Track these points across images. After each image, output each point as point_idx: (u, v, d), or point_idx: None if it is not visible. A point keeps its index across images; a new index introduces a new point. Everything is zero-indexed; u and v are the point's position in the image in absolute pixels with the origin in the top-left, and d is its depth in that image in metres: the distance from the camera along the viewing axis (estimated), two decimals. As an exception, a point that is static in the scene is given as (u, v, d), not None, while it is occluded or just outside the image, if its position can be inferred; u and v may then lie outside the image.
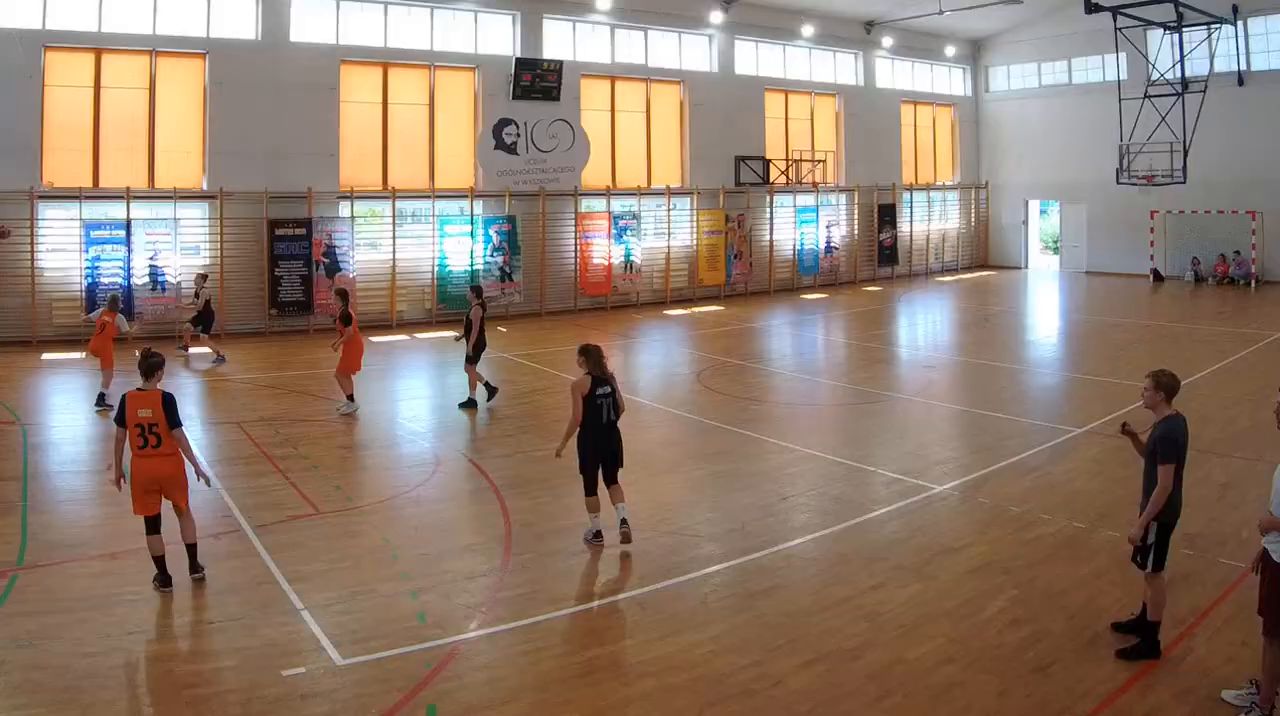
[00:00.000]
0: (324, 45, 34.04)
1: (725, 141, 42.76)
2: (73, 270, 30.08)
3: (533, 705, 9.08)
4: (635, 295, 40.34)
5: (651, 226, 40.93)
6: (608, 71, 40.27)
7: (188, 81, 32.28)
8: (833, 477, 16.06)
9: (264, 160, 32.55)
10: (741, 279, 43.21)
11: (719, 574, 12.12)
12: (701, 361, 27.97)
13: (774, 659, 9.83)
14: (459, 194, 36.47)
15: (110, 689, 9.23)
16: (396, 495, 15.41)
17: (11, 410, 20.75)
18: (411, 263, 35.41)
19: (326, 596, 11.29)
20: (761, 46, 44.76)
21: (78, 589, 11.41)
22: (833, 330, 35.38)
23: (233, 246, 32.30)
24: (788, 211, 45.14)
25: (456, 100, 37.00)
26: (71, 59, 30.58)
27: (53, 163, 30.28)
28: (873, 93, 48.46)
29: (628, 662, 9.97)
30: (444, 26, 36.58)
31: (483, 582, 11.87)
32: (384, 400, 23.04)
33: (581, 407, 13.05)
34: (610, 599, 11.66)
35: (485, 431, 20.02)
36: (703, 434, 19.33)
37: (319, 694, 9.15)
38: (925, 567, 12.18)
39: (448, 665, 9.70)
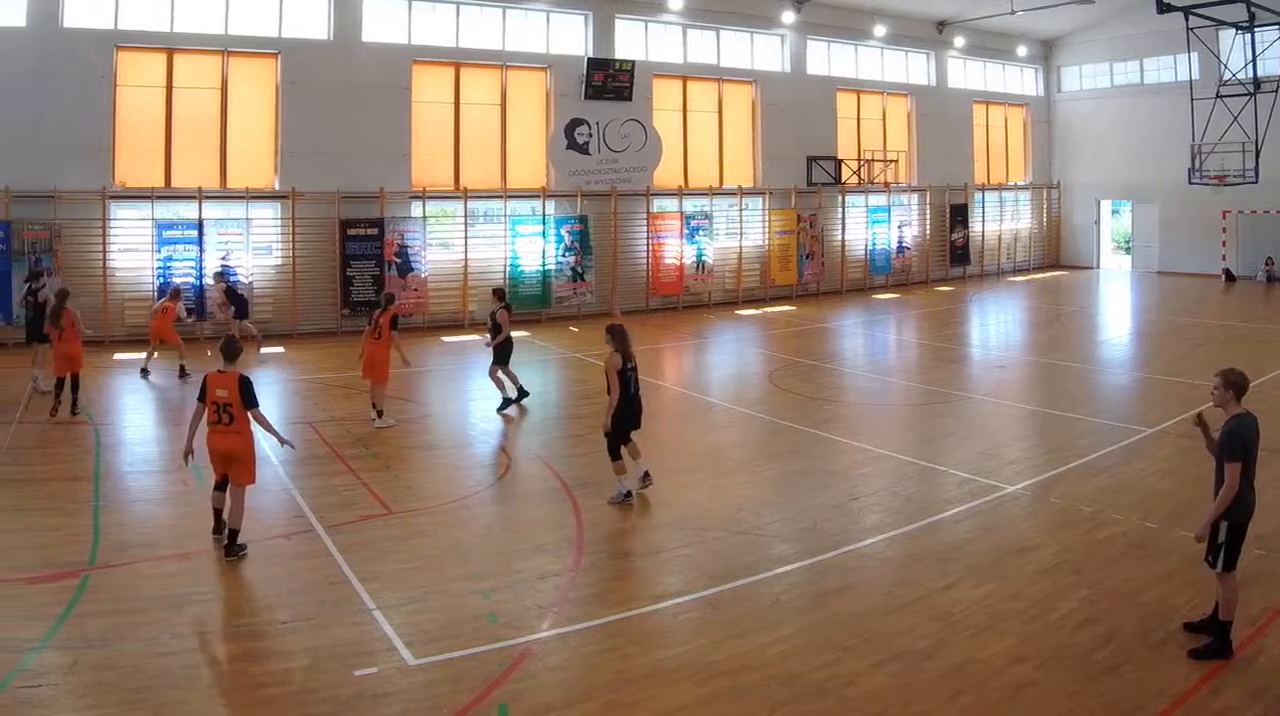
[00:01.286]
0: (396, 45, 32.44)
1: (797, 141, 40.69)
2: (144, 270, 28.69)
3: (605, 705, 8.71)
4: (707, 295, 38.34)
5: (723, 226, 38.99)
6: (680, 71, 38.28)
7: (260, 81, 30.75)
8: (905, 477, 15.44)
9: (336, 160, 30.97)
10: (813, 279, 41.09)
11: (791, 573, 11.65)
12: (773, 361, 26.70)
13: (846, 658, 9.48)
14: (531, 194, 34.72)
15: (182, 689, 8.88)
16: (468, 495, 14.85)
17: (84, 410, 19.82)
18: (483, 263, 33.71)
19: (398, 596, 10.91)
20: (833, 46, 42.51)
21: (149, 589, 11.04)
22: (904, 330, 33.66)
23: (304, 246, 30.75)
24: (859, 211, 43.07)
25: (528, 100, 35.18)
26: (143, 59, 29.12)
27: (125, 163, 28.85)
28: (945, 93, 46.04)
29: (699, 662, 9.47)
30: (516, 26, 34.76)
31: (554, 582, 11.44)
32: (456, 400, 22.17)
33: (616, 381, 13.98)
34: (682, 598, 11.00)
35: (557, 431, 19.20)
36: (775, 433, 18.51)
37: (391, 693, 8.86)
38: (997, 567, 11.74)
39: (520, 665, 9.37)
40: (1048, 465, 16.00)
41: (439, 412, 19.81)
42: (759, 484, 15.33)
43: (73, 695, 8.72)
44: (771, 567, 11.76)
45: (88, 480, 15.17)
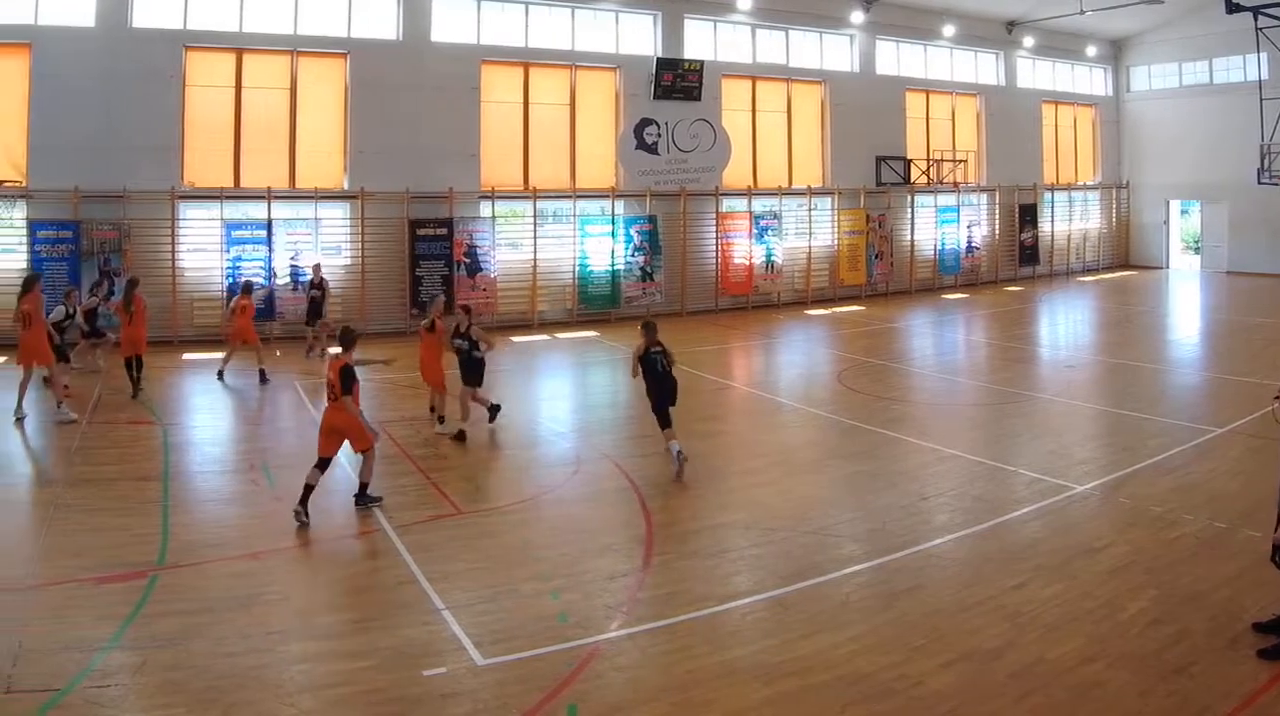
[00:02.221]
0: (465, 45, 30.88)
1: (866, 141, 38.63)
2: (213, 270, 27.37)
3: (674, 705, 8.40)
4: (776, 295, 36.46)
5: (792, 226, 37.06)
6: (749, 71, 36.36)
7: (329, 81, 29.30)
8: (974, 477, 14.77)
9: (405, 160, 29.51)
10: (882, 279, 39.03)
11: (860, 573, 11.20)
12: (842, 361, 25.47)
13: (915, 658, 9.10)
14: (600, 194, 33.04)
15: (251, 688, 8.54)
16: (537, 495, 14.33)
17: (152, 410, 19.10)
18: (552, 262, 32.11)
19: (467, 596, 10.53)
20: (903, 46, 40.35)
21: (218, 588, 10.68)
22: (973, 330, 31.95)
23: (374, 246, 29.30)
24: (928, 211, 40.94)
25: (597, 100, 33.48)
26: (212, 59, 27.81)
27: (194, 163, 27.54)
28: (1014, 93, 43.66)
29: (769, 662, 9.09)
30: (585, 26, 33.11)
31: (624, 582, 11.01)
32: (525, 400, 21.10)
33: (637, 364, 15.35)
34: (751, 598, 10.56)
35: (627, 431, 18.28)
36: (844, 433, 17.76)
37: (460, 693, 8.55)
38: (1066, 567, 11.27)
39: (589, 665, 9.04)
40: (1117, 465, 15.34)
41: (508, 413, 18.65)
42: (828, 484, 14.78)
43: (141, 695, 8.42)
44: (841, 567, 11.32)
45: (156, 480, 14.56)
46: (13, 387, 18.41)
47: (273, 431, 18.70)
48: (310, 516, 12.58)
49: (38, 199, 25.56)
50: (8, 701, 8.26)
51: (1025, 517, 13.01)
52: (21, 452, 16.69)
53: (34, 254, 25.52)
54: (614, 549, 12.06)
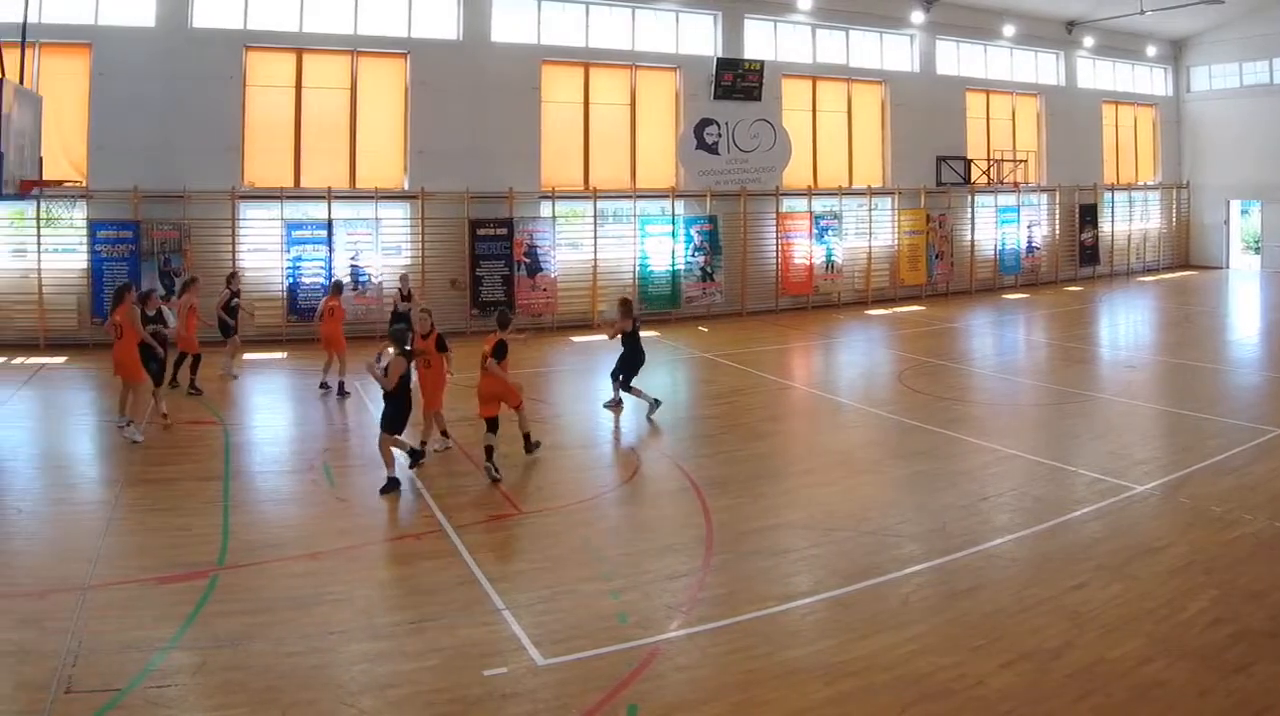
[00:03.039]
0: (525, 45, 29.26)
1: (926, 141, 36.49)
2: (274, 270, 25.96)
3: (734, 705, 8.04)
4: (836, 295, 34.46)
5: (853, 226, 34.98)
6: (809, 72, 34.37)
7: (389, 81, 27.79)
8: (1034, 477, 14.12)
9: (465, 160, 27.94)
10: (943, 279, 36.93)
11: (920, 573, 10.70)
12: (902, 361, 24.10)
13: (975, 658, 8.73)
14: (660, 194, 31.28)
15: (311, 689, 8.23)
16: (598, 495, 13.76)
17: (213, 410, 18.30)
18: (613, 262, 30.42)
19: (528, 596, 10.11)
20: (963, 46, 38.16)
21: (279, 588, 10.26)
22: (1034, 330, 30.33)
23: (434, 246, 27.76)
24: (989, 211, 38.62)
25: (658, 100, 31.66)
26: (272, 59, 26.39)
27: (254, 163, 26.12)
28: (1074, 93, 41.28)
29: (829, 662, 8.73)
30: (645, 26, 31.33)
31: (684, 582, 10.53)
32: (585, 400, 20.01)
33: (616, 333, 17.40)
34: (812, 598, 10.11)
35: (687, 431, 17.38)
36: (904, 433, 16.88)
37: (520, 693, 8.22)
38: (1126, 567, 10.81)
39: (649, 665, 8.68)
40: (1177, 465, 14.71)
41: (568, 413, 18.09)
42: (888, 484, 14.14)
43: (201, 695, 8.12)
44: (900, 567, 10.82)
45: (217, 480, 13.98)
46: (78, 386, 18.25)
47: (334, 432, 17.60)
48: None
49: (98, 199, 24.24)
50: (68, 701, 7.86)
51: (1085, 518, 12.42)
52: (83, 452, 16.01)
53: (94, 254, 24.25)
54: (674, 549, 11.50)
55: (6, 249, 24.46)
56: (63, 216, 24.18)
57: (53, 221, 24.35)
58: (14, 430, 16.87)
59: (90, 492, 13.63)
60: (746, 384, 21.30)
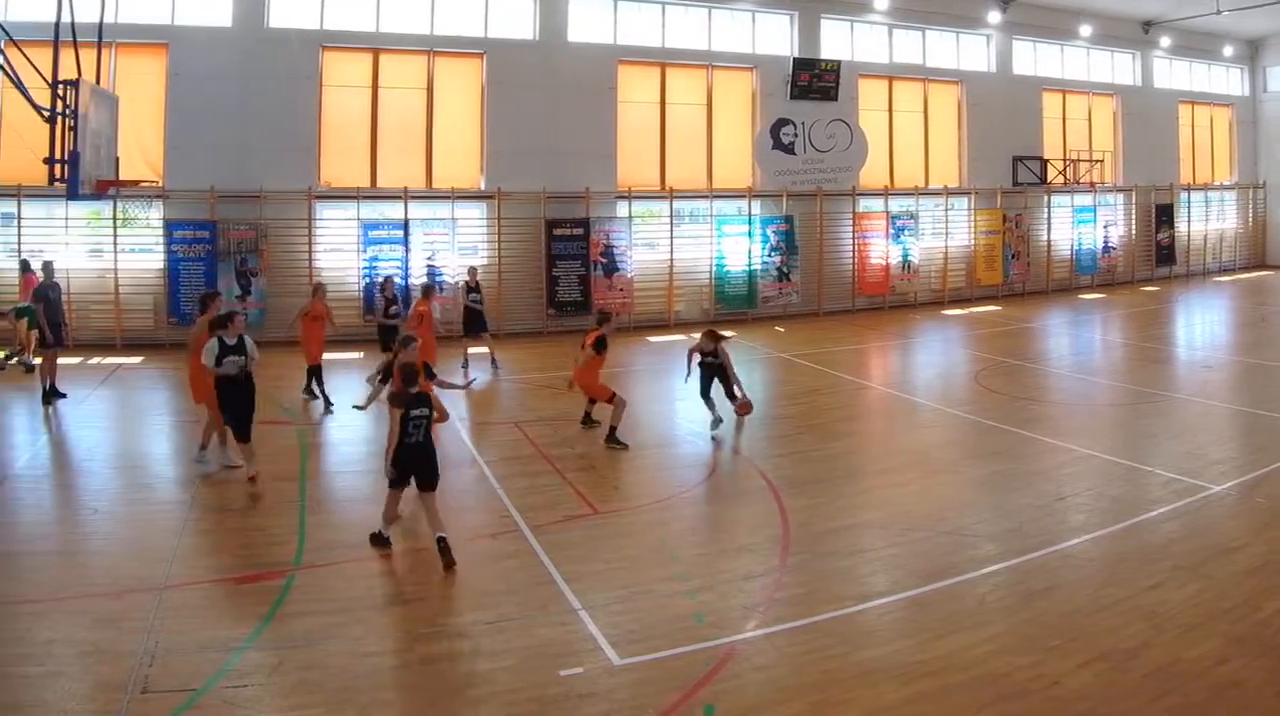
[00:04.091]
0: (601, 45, 26.93)
1: (1003, 141, 33.44)
2: (350, 270, 23.92)
3: (810, 705, 7.33)
4: (913, 295, 31.67)
5: (929, 226, 32.14)
6: (885, 72, 31.55)
7: (465, 81, 25.61)
8: (1110, 477, 13.13)
9: (541, 160, 25.68)
10: (1019, 279, 33.88)
11: (997, 573, 9.86)
12: (979, 361, 22.22)
13: (1052, 658, 7.97)
14: (737, 194, 28.74)
15: (388, 689, 7.66)
16: (674, 495, 12.74)
17: (289, 410, 17.01)
18: (689, 262, 27.95)
19: (604, 596, 9.30)
20: (1039, 46, 35.01)
21: (355, 589, 9.56)
22: (1110, 330, 27.83)
23: (510, 247, 25.54)
24: (1065, 211, 35.48)
25: (734, 100, 29.10)
26: (349, 59, 24.39)
27: (330, 163, 24.13)
28: (1150, 93, 37.87)
29: (906, 662, 7.94)
30: (721, 26, 28.81)
31: (760, 582, 9.74)
32: (661, 400, 18.50)
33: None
34: (888, 598, 9.28)
35: (763, 431, 15.98)
36: (980, 434, 15.68)
37: (596, 693, 7.53)
38: (1203, 567, 9.86)
39: (725, 665, 7.94)
40: (1254, 465, 13.63)
41: (644, 413, 16.61)
42: (965, 484, 13.11)
43: (277, 695, 7.52)
44: (977, 567, 10.05)
45: (293, 480, 12.98)
46: (154, 386, 17.22)
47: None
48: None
49: (174, 199, 22.40)
50: (144, 701, 7.28)
51: (1161, 518, 11.60)
52: (159, 452, 14.90)
53: (170, 254, 22.41)
54: (751, 549, 10.72)
55: (84, 249, 22.65)
56: (139, 216, 22.40)
57: (129, 221, 22.55)
58: (90, 430, 15.78)
59: (166, 492, 12.55)
60: (823, 384, 19.72)
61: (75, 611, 8.88)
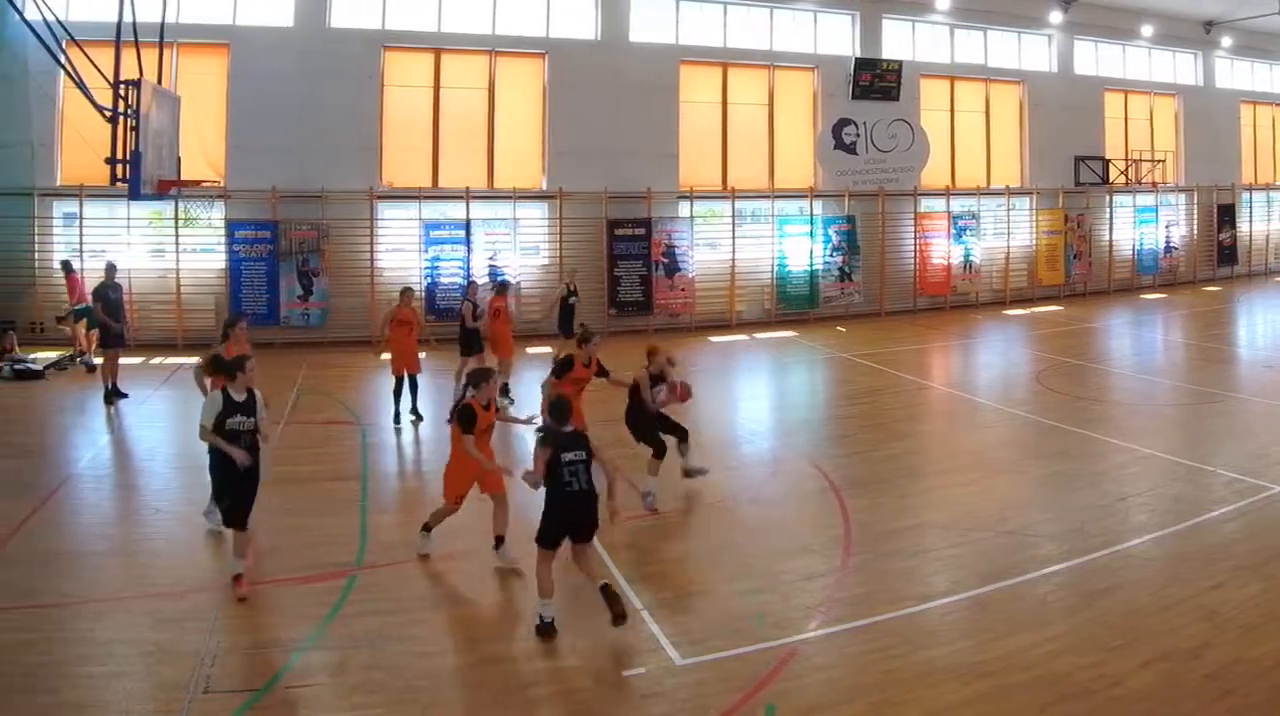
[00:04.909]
0: (663, 45, 24.77)
1: (1064, 141, 30.65)
2: (412, 270, 21.97)
3: (872, 705, 6.84)
4: (974, 295, 29.08)
5: (991, 226, 29.52)
6: (946, 72, 29.00)
7: (527, 81, 23.61)
8: (1172, 477, 12.13)
9: (603, 160, 23.60)
10: (1081, 279, 31.09)
11: (1058, 573, 9.06)
12: (1040, 361, 20.53)
13: (1113, 658, 7.37)
14: (798, 194, 26.45)
15: (450, 689, 7.12)
16: (735, 495, 11.65)
17: (351, 410, 15.81)
18: (750, 262, 25.67)
19: (665, 596, 8.65)
20: (1101, 46, 32.18)
21: (417, 588, 8.86)
22: (1172, 330, 25.59)
23: (572, 246, 23.49)
24: (1127, 211, 32.57)
25: (795, 100, 26.78)
26: (411, 59, 22.53)
27: (392, 163, 22.29)
28: (1212, 93, 34.77)
29: (967, 662, 7.35)
30: (783, 27, 26.54)
31: (821, 583, 8.96)
32: (723, 400, 17.25)
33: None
34: (949, 598, 8.53)
35: (825, 431, 15.17)
36: (1042, 434, 14.57)
37: (658, 693, 7.02)
38: (1265, 567, 9.03)
39: (787, 665, 7.36)
40: None
41: (705, 413, 15.09)
42: (1026, 484, 12.20)
43: (339, 695, 6.96)
44: (1039, 568, 9.21)
45: (355, 480, 12.10)
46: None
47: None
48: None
49: (236, 199, 20.71)
50: (206, 701, 6.71)
51: (1223, 518, 10.77)
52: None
53: (232, 254, 20.74)
54: (812, 549, 9.96)
55: (145, 249, 21.00)
56: (201, 216, 20.67)
57: (191, 221, 20.86)
58: (152, 430, 14.89)
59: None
60: (884, 384, 18.28)
61: (137, 611, 8.26)
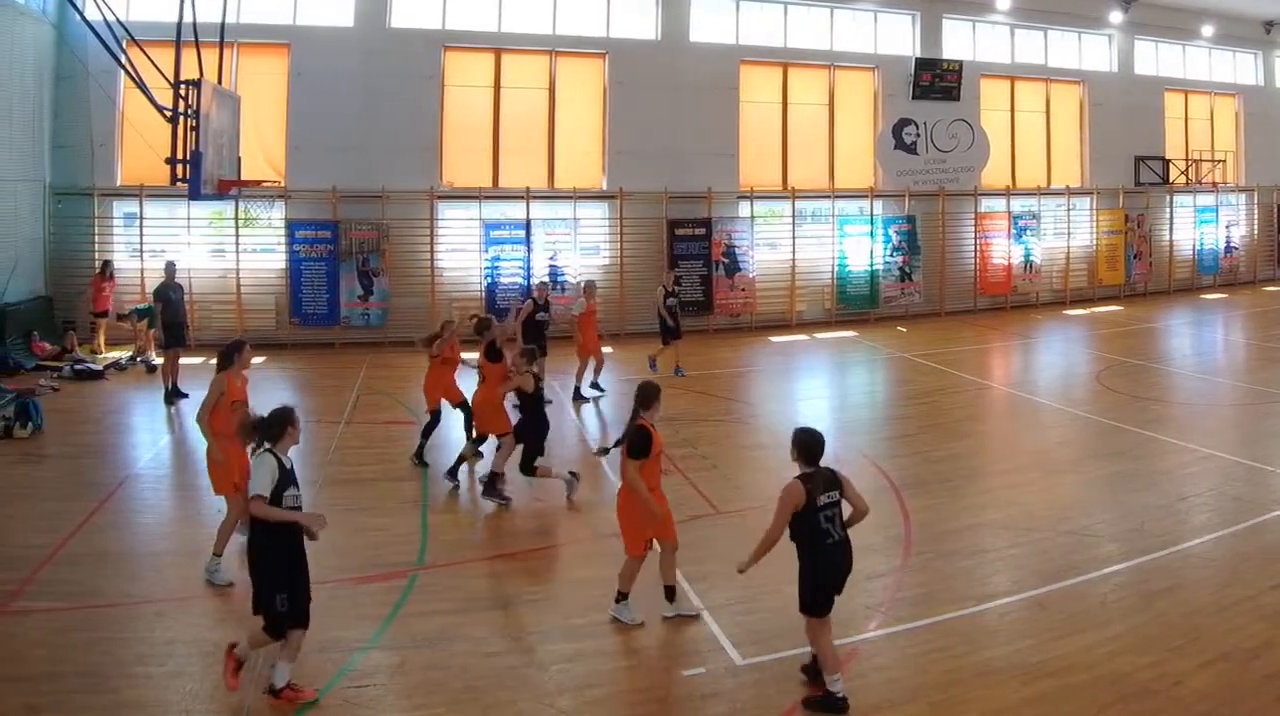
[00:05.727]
0: (723, 45, 22.60)
1: (1124, 142, 27.83)
2: (472, 270, 20.17)
3: (932, 705, 6.24)
4: (1035, 295, 26.45)
5: (1051, 226, 26.88)
6: (1007, 72, 26.42)
7: (587, 81, 21.62)
8: (1232, 477, 10.79)
9: (663, 160, 21.50)
10: (1141, 279, 28.29)
11: (1118, 573, 8.20)
12: (1100, 361, 18.73)
13: (1173, 658, 6.76)
14: (859, 194, 24.13)
15: (509, 688, 6.44)
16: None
17: (411, 410, 14.21)
18: (811, 262, 23.39)
19: (726, 596, 7.70)
20: (1161, 46, 29.42)
21: (478, 588, 8.15)
22: (1232, 330, 23.48)
23: (632, 246, 21.45)
24: (1187, 211, 29.61)
25: (855, 100, 24.44)
26: (471, 59, 20.63)
27: (452, 163, 20.42)
28: (1272, 93, 31.47)
29: (1027, 662, 6.73)
30: (843, 27, 24.26)
31: (882, 582, 8.08)
32: (783, 400, 16.26)
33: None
34: (1010, 598, 7.74)
35: (885, 431, 13.87)
36: (1102, 434, 13.22)
37: (719, 694, 6.42)
38: None
39: (848, 665, 6.62)
40: None
41: (767, 412, 14.63)
42: (1086, 484, 10.91)
43: (400, 694, 6.39)
44: (1099, 567, 8.31)
45: (415, 480, 11.01)
46: (276, 386, 14.69)
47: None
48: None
49: (296, 199, 18.99)
50: (266, 701, 6.02)
51: None
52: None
53: (292, 254, 19.04)
54: (873, 548, 8.63)
55: (206, 249, 19.38)
56: (261, 216, 18.98)
57: (251, 221, 19.18)
58: None
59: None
60: (945, 384, 16.76)
61: (197, 611, 7.67)
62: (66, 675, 6.48)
